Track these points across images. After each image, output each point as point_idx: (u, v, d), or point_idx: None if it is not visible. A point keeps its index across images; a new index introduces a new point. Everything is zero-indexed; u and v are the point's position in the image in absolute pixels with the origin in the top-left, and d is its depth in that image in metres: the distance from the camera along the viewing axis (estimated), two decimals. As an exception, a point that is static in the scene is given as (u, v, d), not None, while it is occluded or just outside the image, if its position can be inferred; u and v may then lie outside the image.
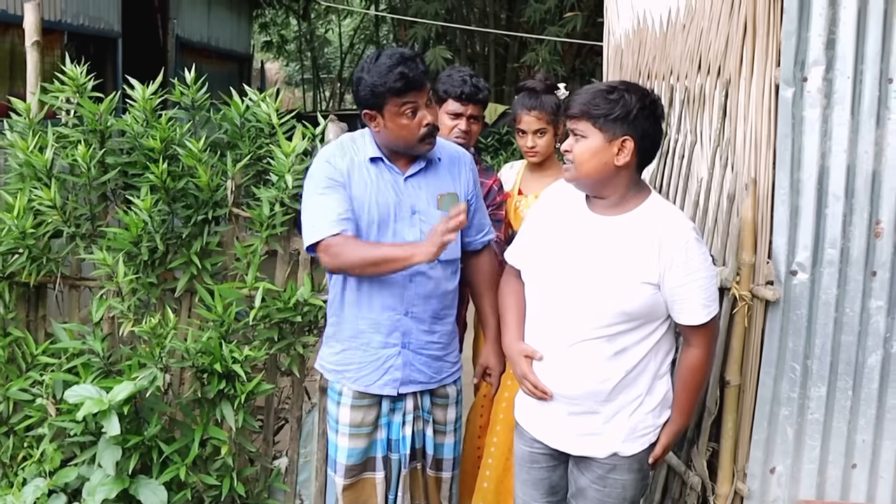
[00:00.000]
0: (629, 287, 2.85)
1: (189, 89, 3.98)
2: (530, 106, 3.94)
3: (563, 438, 3.05)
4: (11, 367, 3.99)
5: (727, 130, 3.54)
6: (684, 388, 3.02)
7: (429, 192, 3.31)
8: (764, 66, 3.28)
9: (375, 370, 3.32)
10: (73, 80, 3.93)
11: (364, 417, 3.37)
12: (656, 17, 4.42)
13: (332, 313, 3.41)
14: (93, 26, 8.74)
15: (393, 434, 3.40)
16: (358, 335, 3.32)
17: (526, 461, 3.20)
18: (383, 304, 3.27)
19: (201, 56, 12.09)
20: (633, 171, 2.91)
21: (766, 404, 3.33)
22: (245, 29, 15.29)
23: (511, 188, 4.12)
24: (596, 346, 2.91)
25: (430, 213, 3.28)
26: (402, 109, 3.15)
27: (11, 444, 3.99)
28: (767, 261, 3.27)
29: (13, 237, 3.81)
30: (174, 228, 3.88)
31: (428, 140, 3.23)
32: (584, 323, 2.90)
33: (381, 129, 3.23)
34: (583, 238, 2.95)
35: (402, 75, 3.09)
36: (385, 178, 3.28)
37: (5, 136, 4.00)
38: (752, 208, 3.25)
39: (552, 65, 12.04)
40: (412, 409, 3.39)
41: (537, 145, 3.97)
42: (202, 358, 3.69)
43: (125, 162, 3.91)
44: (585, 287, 2.89)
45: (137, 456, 3.75)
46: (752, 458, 3.37)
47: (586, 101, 2.85)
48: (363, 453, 3.40)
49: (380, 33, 20.11)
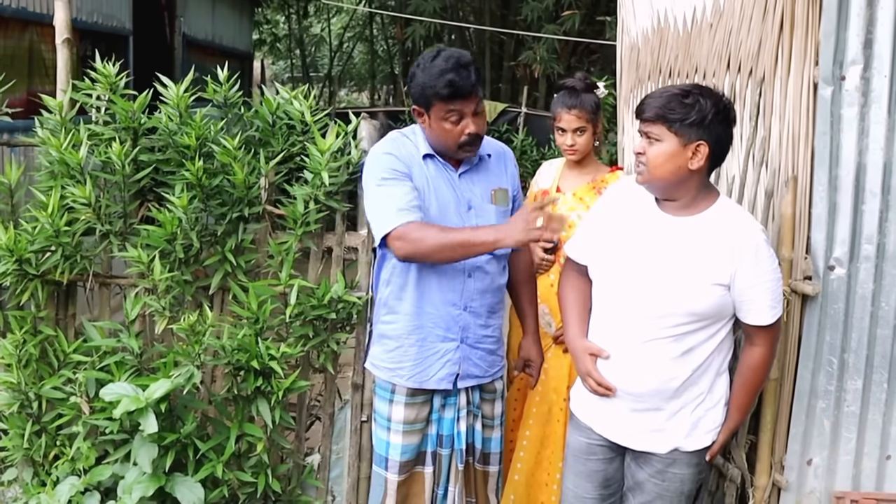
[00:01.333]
0: (701, 288, 2.89)
1: (221, 87, 3.98)
2: (570, 104, 3.96)
3: (625, 433, 3.10)
4: (43, 365, 3.99)
5: (761, 128, 3.59)
6: (745, 385, 3.07)
7: (482, 188, 3.35)
8: (802, 65, 3.32)
9: (432, 364, 3.34)
10: (105, 77, 3.93)
11: (418, 414, 3.40)
12: (679, 15, 4.47)
13: (385, 311, 3.42)
14: (106, 24, 8.75)
15: (444, 429, 3.42)
16: (415, 330, 3.33)
17: (582, 453, 3.24)
18: (444, 299, 3.30)
19: (206, 54, 12.13)
20: (704, 175, 2.95)
21: (804, 397, 3.37)
22: (247, 27, 15.29)
23: (550, 185, 4.14)
24: (664, 346, 2.95)
25: (484, 209, 3.32)
26: (447, 115, 3.17)
27: (44, 443, 3.98)
28: (806, 256, 3.32)
29: (46, 235, 3.81)
30: (208, 226, 3.89)
31: (467, 148, 3.25)
32: (654, 322, 2.94)
33: (427, 127, 3.27)
34: (654, 238, 2.99)
35: (451, 83, 3.10)
36: (441, 174, 3.31)
37: (36, 134, 3.99)
38: (792, 205, 3.30)
39: (549, 63, 12.10)
40: (465, 404, 3.42)
41: (577, 143, 3.99)
42: (238, 355, 3.71)
43: (158, 159, 3.92)
44: (657, 287, 2.93)
45: (173, 454, 3.76)
46: (789, 450, 3.42)
47: (661, 105, 2.87)
48: (416, 449, 3.43)
49: (373, 31, 20.07)
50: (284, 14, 20.72)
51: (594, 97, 4.01)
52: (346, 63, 21.96)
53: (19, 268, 3.81)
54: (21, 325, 3.94)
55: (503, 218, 3.34)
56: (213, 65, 4.78)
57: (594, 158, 4.11)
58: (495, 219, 3.33)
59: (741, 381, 3.07)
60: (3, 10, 6.71)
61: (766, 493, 3.46)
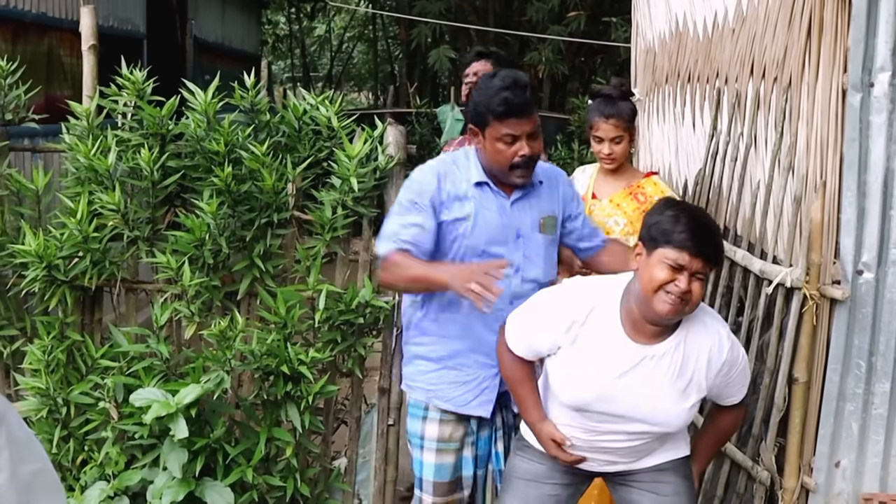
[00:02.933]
0: (682, 412, 2.95)
1: (249, 93, 4.00)
2: (608, 114, 3.94)
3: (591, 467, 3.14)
4: (71, 370, 4.01)
5: (787, 134, 3.62)
6: (717, 443, 3.30)
7: (532, 216, 3.31)
8: (830, 72, 3.35)
9: (470, 391, 3.30)
10: (133, 83, 3.95)
11: (452, 433, 3.35)
12: (699, 19, 4.50)
13: (418, 333, 3.40)
14: (121, 28, 8.77)
15: (480, 449, 3.38)
16: (455, 355, 3.30)
17: (539, 476, 3.14)
18: (485, 325, 3.25)
19: (216, 56, 12.14)
20: None
21: (833, 400, 3.41)
22: (255, 29, 15.34)
23: (584, 192, 4.14)
24: (635, 446, 3.05)
25: (532, 237, 3.30)
26: (502, 135, 3.14)
27: (72, 448, 4.00)
28: (834, 261, 3.35)
29: (75, 241, 3.83)
30: (236, 231, 3.90)
31: (520, 172, 3.21)
32: (629, 439, 3.02)
33: (481, 148, 3.25)
34: (629, 372, 2.91)
35: (506, 101, 3.08)
36: (492, 201, 3.27)
37: (62, 140, 4.01)
38: (821, 210, 3.33)
39: (555, 63, 12.14)
40: (501, 424, 3.38)
41: (614, 152, 3.98)
42: (268, 360, 3.73)
43: (186, 165, 3.94)
44: (634, 419, 2.95)
45: (203, 458, 3.78)
46: (818, 452, 3.45)
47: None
48: (452, 470, 3.37)
49: (375, 31, 20.09)
50: (287, 15, 20.72)
51: (630, 104, 4.00)
52: (346, 63, 21.96)
53: (48, 274, 3.82)
54: (49, 331, 3.96)
55: (551, 246, 3.35)
56: (223, 67, 4.79)
57: (628, 165, 4.12)
58: (543, 247, 3.32)
59: (715, 438, 3.26)
60: (24, 15, 6.75)
61: (794, 496, 3.49)
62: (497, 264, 3.02)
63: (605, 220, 4.00)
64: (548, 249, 3.34)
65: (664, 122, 5.11)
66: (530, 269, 3.28)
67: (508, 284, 3.19)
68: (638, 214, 3.94)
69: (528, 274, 3.27)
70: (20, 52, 6.67)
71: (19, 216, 4.04)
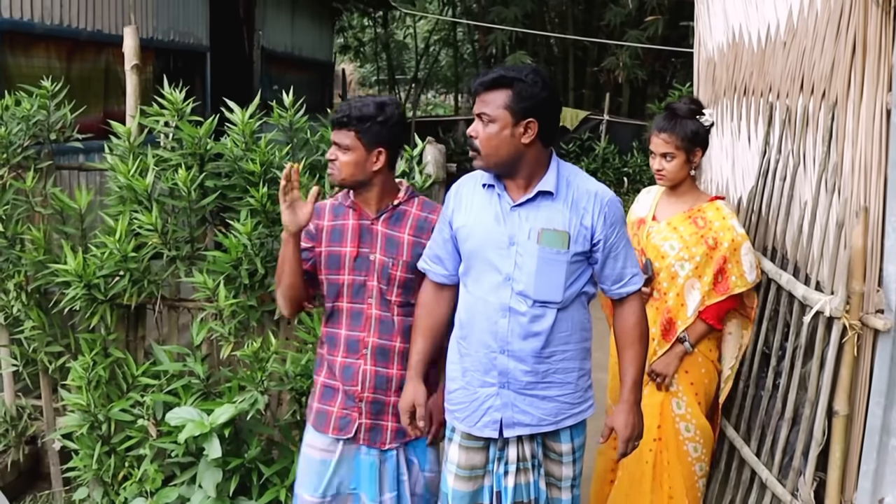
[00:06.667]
0: None
1: (287, 112, 3.99)
2: (661, 128, 3.82)
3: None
4: (112, 387, 4.06)
5: (833, 154, 3.47)
6: None
7: (533, 225, 3.09)
8: (874, 90, 3.20)
9: (475, 410, 3.18)
10: (172, 103, 3.98)
11: (472, 460, 3.23)
12: (753, 32, 4.35)
13: (450, 351, 3.31)
14: (183, 41, 8.84)
15: (497, 484, 3.23)
16: (464, 373, 3.20)
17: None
18: (479, 340, 3.14)
19: (285, 66, 12.17)
20: None
21: (875, 434, 3.25)
22: (327, 36, 15.41)
23: (646, 214, 4.00)
24: None
25: (527, 246, 3.08)
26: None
27: (113, 464, 4.05)
28: (878, 289, 3.19)
29: (115, 260, 3.87)
30: (273, 251, 3.90)
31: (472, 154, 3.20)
32: None
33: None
34: None
35: (476, 79, 3.17)
36: (492, 205, 3.14)
37: (105, 160, 4.06)
38: (863, 236, 3.18)
39: (633, 69, 11.96)
40: (515, 458, 3.21)
41: (664, 168, 3.84)
42: (302, 381, 3.72)
43: (224, 185, 3.95)
44: None
45: (238, 478, 3.79)
46: (860, 488, 3.29)
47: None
48: (471, 499, 3.25)
49: (456, 36, 20.10)
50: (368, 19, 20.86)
51: (694, 125, 3.82)
52: (432, 66, 21.97)
53: (88, 292, 3.87)
54: (91, 348, 4.02)
55: (554, 263, 3.09)
56: (293, 76, 4.80)
57: (693, 186, 3.94)
58: (537, 259, 3.07)
59: None
60: (79, 33, 6.89)
61: (836, 533, 3.35)
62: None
63: (661, 244, 3.85)
64: (548, 265, 3.09)
65: (723, 135, 4.95)
66: (521, 281, 3.08)
67: (498, 294, 3.09)
68: (695, 240, 3.80)
69: (517, 286, 3.08)
70: (76, 70, 6.83)
71: (63, 234, 4.11)
